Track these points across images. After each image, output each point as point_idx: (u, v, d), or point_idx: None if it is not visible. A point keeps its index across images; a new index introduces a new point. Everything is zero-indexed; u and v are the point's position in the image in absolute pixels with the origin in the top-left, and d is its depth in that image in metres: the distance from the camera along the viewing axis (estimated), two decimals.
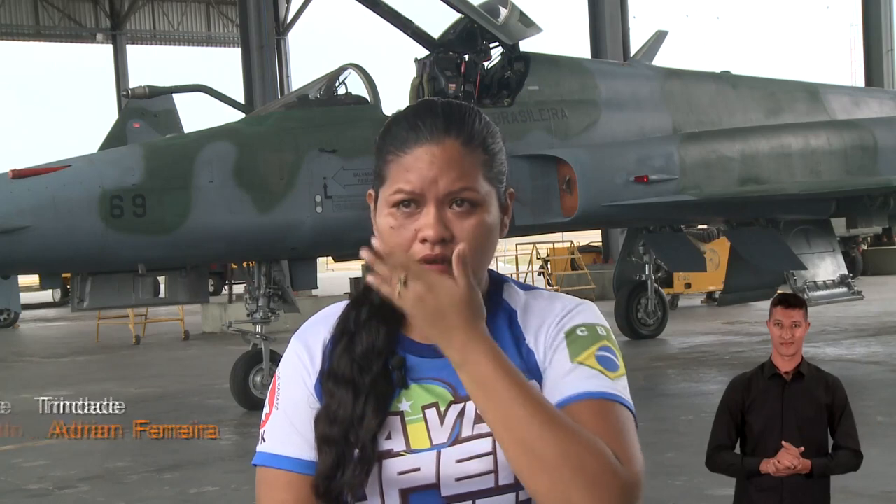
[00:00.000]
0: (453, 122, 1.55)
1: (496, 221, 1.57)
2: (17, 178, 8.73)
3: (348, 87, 10.39)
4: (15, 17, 37.96)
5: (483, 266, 1.56)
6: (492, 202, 1.55)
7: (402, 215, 1.51)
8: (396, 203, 1.52)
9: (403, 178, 1.51)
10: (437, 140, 1.52)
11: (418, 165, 1.51)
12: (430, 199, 1.50)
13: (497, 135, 1.61)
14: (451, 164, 1.51)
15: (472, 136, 1.55)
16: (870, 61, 28.32)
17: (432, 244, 1.48)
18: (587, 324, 1.56)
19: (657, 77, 12.54)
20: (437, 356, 1.57)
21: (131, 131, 18.83)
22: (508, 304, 1.63)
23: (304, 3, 39.31)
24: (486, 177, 1.55)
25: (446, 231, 1.49)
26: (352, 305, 1.62)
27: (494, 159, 1.58)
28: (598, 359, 1.52)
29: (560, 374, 1.51)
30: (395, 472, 1.52)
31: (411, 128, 1.54)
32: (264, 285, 10.34)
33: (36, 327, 26.10)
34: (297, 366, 1.61)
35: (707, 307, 21.33)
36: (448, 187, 1.50)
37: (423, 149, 1.52)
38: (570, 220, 11.04)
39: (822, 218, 12.74)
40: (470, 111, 1.59)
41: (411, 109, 1.59)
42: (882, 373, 11.14)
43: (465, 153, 1.53)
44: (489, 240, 1.55)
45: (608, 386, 1.49)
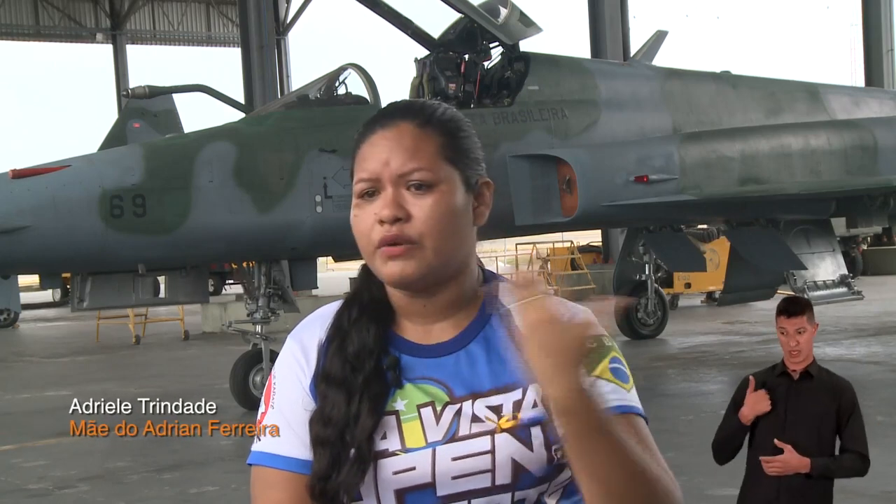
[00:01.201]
0: (410, 110, 1.58)
1: (461, 204, 1.55)
2: (17, 177, 8.73)
3: (348, 87, 10.39)
4: (15, 17, 37.96)
5: (454, 249, 1.54)
6: (453, 182, 1.54)
7: (365, 203, 1.54)
8: (361, 193, 1.54)
9: (362, 167, 1.55)
10: (390, 125, 1.55)
11: (373, 151, 1.54)
12: (386, 181, 1.52)
13: (463, 122, 1.61)
14: (403, 145, 1.53)
15: (428, 119, 1.56)
16: (870, 61, 28.32)
17: (389, 224, 1.49)
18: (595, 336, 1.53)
19: (657, 77, 12.54)
20: (432, 356, 1.57)
21: (131, 131, 18.83)
22: (504, 304, 1.61)
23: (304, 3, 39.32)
24: (445, 157, 1.55)
25: (401, 209, 1.50)
26: (345, 305, 1.62)
27: (457, 142, 1.57)
28: (612, 371, 1.54)
29: None
30: (391, 472, 1.52)
31: (371, 121, 1.59)
32: (264, 285, 10.34)
33: (36, 327, 26.10)
34: (293, 365, 1.61)
35: (707, 307, 21.33)
36: (399, 168, 1.52)
37: (377, 135, 1.56)
38: (569, 220, 11.03)
39: (822, 218, 12.74)
40: (433, 103, 1.61)
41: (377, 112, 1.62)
42: (882, 373, 11.15)
43: (419, 135, 1.54)
44: (454, 221, 1.53)
45: (626, 398, 1.52)
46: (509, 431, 1.51)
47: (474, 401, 1.54)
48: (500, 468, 1.51)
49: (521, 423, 1.51)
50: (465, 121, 1.63)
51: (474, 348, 1.58)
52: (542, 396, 1.41)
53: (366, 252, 1.55)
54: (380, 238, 1.51)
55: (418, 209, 1.51)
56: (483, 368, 1.56)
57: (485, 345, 1.58)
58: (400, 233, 1.50)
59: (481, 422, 1.52)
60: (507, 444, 1.51)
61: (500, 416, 1.52)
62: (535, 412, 1.53)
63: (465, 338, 1.59)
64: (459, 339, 1.59)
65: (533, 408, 1.53)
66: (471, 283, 1.61)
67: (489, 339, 1.59)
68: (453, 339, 1.59)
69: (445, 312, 1.59)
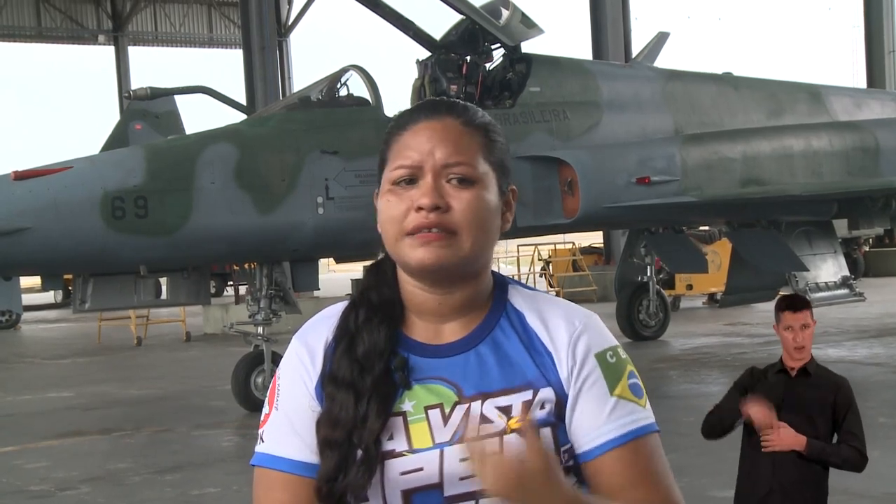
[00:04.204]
0: (455, 107, 1.60)
1: (496, 203, 1.57)
2: (18, 179, 8.73)
3: (350, 89, 10.39)
4: (17, 19, 38.01)
5: (485, 246, 1.56)
6: (490, 183, 1.57)
7: (402, 190, 1.54)
8: (397, 180, 1.55)
9: (403, 154, 1.55)
10: (436, 117, 1.57)
11: (417, 139, 1.55)
12: (428, 170, 1.53)
13: (499, 130, 1.64)
14: (449, 137, 1.55)
15: (471, 119, 1.59)
16: (871, 63, 28.34)
17: (427, 211, 1.50)
18: (611, 347, 1.60)
19: (659, 78, 12.53)
20: (441, 356, 1.57)
21: (133, 133, 18.84)
22: (514, 305, 1.63)
23: (305, 5, 39.36)
24: (485, 158, 1.57)
25: (441, 199, 1.51)
26: (351, 306, 1.62)
27: (495, 146, 1.60)
28: (631, 388, 1.58)
29: (604, 410, 1.55)
30: (398, 473, 1.51)
31: (413, 112, 1.60)
32: (266, 287, 10.34)
33: (37, 328, 26.12)
34: (298, 367, 1.61)
35: (709, 308, 21.32)
36: (445, 158, 1.53)
37: (422, 124, 1.57)
38: (571, 221, 11.03)
39: (824, 219, 12.73)
40: (475, 107, 1.64)
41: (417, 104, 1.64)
42: (884, 374, 11.13)
43: (464, 132, 1.57)
44: (489, 218, 1.55)
45: (643, 417, 1.57)
46: (518, 433, 1.51)
47: (483, 401, 1.54)
48: None
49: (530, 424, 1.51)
50: (501, 130, 1.66)
51: (483, 349, 1.58)
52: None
53: (392, 237, 1.55)
54: (415, 224, 1.51)
55: (458, 202, 1.52)
56: (492, 369, 1.56)
57: (494, 346, 1.58)
58: (439, 221, 1.51)
59: (490, 422, 1.52)
60: (516, 446, 1.51)
61: (510, 417, 1.52)
62: (544, 413, 1.54)
63: (474, 338, 1.59)
64: (468, 340, 1.59)
65: (541, 409, 1.53)
66: (485, 284, 1.63)
67: (498, 341, 1.59)
68: (462, 339, 1.59)
69: (459, 311, 1.59)
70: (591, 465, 1.54)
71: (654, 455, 1.56)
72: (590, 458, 1.54)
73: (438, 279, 1.56)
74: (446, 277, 1.55)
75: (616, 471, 1.52)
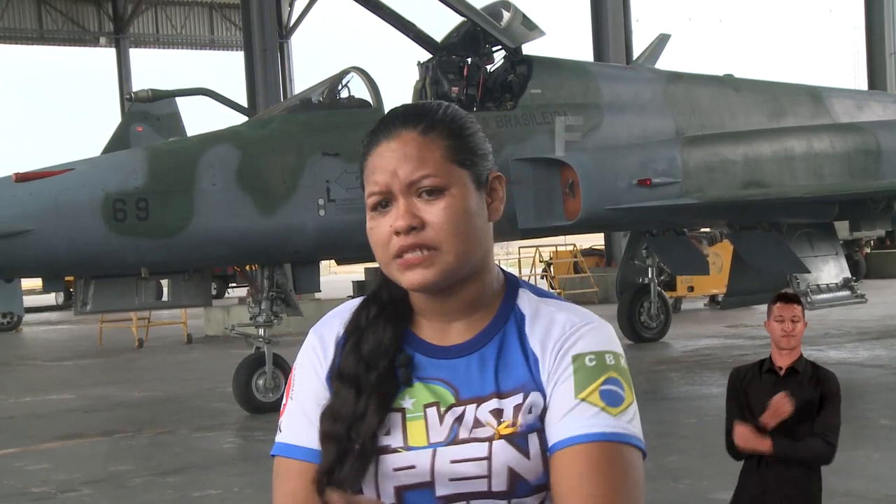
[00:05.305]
0: (410, 117, 1.58)
1: (474, 204, 1.55)
2: (20, 181, 8.73)
3: (351, 91, 10.39)
4: (18, 21, 38.06)
5: (471, 249, 1.54)
6: (463, 183, 1.54)
7: (379, 215, 1.55)
8: (374, 206, 1.56)
9: (371, 180, 1.56)
10: (393, 135, 1.56)
11: (381, 163, 1.55)
12: (397, 192, 1.53)
13: (466, 120, 1.61)
14: (409, 153, 1.54)
15: (431, 124, 1.57)
16: (872, 65, 28.34)
17: (404, 234, 1.50)
18: (596, 351, 1.54)
19: (660, 80, 12.53)
20: (445, 357, 1.58)
21: (134, 135, 18.85)
22: (520, 308, 1.62)
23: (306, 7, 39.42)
24: (452, 160, 1.55)
25: (414, 218, 1.51)
26: (364, 303, 1.65)
27: (462, 142, 1.57)
28: (602, 394, 1.51)
29: (563, 410, 1.51)
30: (392, 468, 1.53)
31: (374, 133, 1.59)
32: (267, 289, 10.34)
33: (39, 331, 26.12)
34: (312, 357, 1.64)
35: (710, 310, 21.31)
36: (408, 177, 1.52)
37: (382, 146, 1.56)
38: (572, 223, 11.03)
39: (825, 221, 12.72)
40: (433, 104, 1.61)
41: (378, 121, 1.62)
42: (885, 376, 11.12)
43: (423, 141, 1.55)
44: (468, 222, 1.53)
45: (609, 425, 1.49)
46: (507, 439, 1.51)
47: (478, 405, 1.54)
48: (497, 475, 1.50)
49: (519, 429, 1.51)
50: (468, 118, 1.62)
51: (487, 352, 1.58)
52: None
53: (383, 262, 1.56)
54: (397, 248, 1.52)
55: (431, 215, 1.51)
56: (492, 373, 1.56)
57: (497, 350, 1.58)
58: (417, 241, 1.51)
59: (481, 426, 1.52)
60: (504, 452, 1.50)
61: (501, 422, 1.52)
62: (531, 418, 1.52)
63: (480, 341, 1.59)
64: (474, 342, 1.59)
65: (529, 413, 1.52)
66: (490, 283, 1.61)
67: (502, 345, 1.58)
68: (468, 341, 1.59)
69: (464, 311, 1.59)
70: (551, 460, 1.51)
71: (613, 465, 1.47)
72: (550, 454, 1.51)
73: (435, 292, 1.56)
74: (442, 288, 1.55)
75: (566, 471, 1.48)
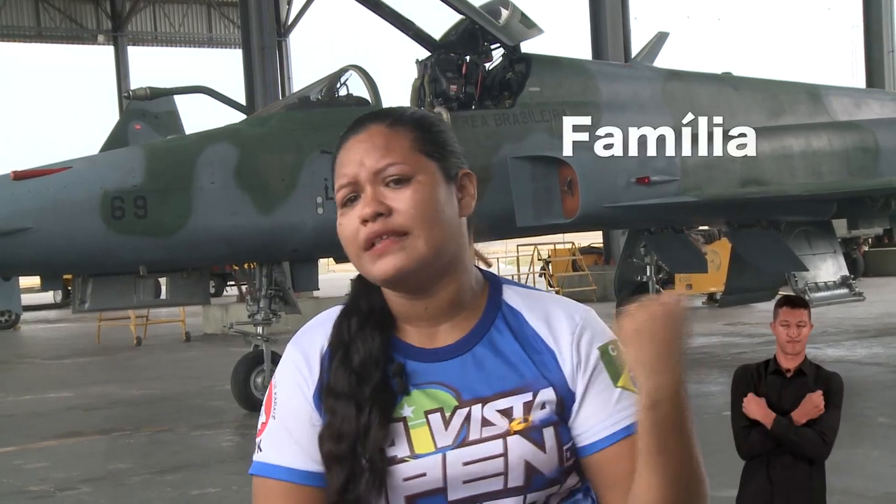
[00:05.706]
0: (379, 114, 1.61)
1: (443, 194, 1.55)
2: (18, 179, 8.72)
3: (349, 89, 10.39)
4: (16, 19, 38.00)
5: (443, 238, 1.53)
6: (431, 174, 1.54)
7: (348, 209, 1.55)
8: (342, 201, 1.55)
9: (339, 175, 1.56)
10: (362, 129, 1.58)
11: (349, 157, 1.56)
12: (364, 181, 1.53)
13: (436, 119, 1.63)
14: (376, 143, 1.55)
15: (398, 118, 1.59)
16: (870, 63, 28.33)
17: (371, 221, 1.50)
18: (612, 340, 1.59)
19: (658, 78, 12.53)
20: (437, 360, 1.56)
21: (132, 133, 18.85)
22: (509, 304, 1.61)
23: (305, 5, 39.37)
24: (419, 150, 1.55)
25: (381, 205, 1.51)
26: (343, 315, 1.60)
27: (430, 135, 1.58)
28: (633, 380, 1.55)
29: (610, 400, 1.55)
30: (401, 479, 1.50)
31: (344, 133, 1.61)
32: (265, 287, 10.34)
33: (37, 329, 26.12)
34: (295, 374, 1.58)
35: (708, 308, 21.32)
36: (375, 164, 1.53)
37: (350, 141, 1.58)
38: (571, 221, 11.02)
39: (824, 219, 12.72)
40: (403, 107, 1.66)
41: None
42: (883, 374, 11.13)
43: (390, 133, 1.56)
44: (437, 209, 1.52)
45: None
46: (521, 433, 1.50)
47: (484, 404, 1.53)
48: (513, 470, 1.50)
49: (533, 424, 1.51)
50: (438, 119, 1.64)
51: (480, 351, 1.57)
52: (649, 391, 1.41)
53: (354, 257, 1.54)
54: (365, 237, 1.50)
55: (398, 202, 1.50)
56: (490, 371, 1.55)
57: (491, 347, 1.57)
58: (385, 227, 1.49)
59: (492, 425, 1.51)
60: (520, 446, 1.50)
61: (512, 419, 1.51)
62: (545, 413, 1.52)
63: (469, 340, 1.57)
64: (464, 342, 1.57)
65: (542, 409, 1.52)
66: (469, 282, 1.60)
67: (495, 342, 1.57)
68: (458, 342, 1.57)
69: (448, 313, 1.57)
70: (597, 456, 1.53)
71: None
72: (597, 450, 1.53)
73: (411, 287, 1.54)
74: (418, 283, 1.53)
75: (622, 460, 1.51)
